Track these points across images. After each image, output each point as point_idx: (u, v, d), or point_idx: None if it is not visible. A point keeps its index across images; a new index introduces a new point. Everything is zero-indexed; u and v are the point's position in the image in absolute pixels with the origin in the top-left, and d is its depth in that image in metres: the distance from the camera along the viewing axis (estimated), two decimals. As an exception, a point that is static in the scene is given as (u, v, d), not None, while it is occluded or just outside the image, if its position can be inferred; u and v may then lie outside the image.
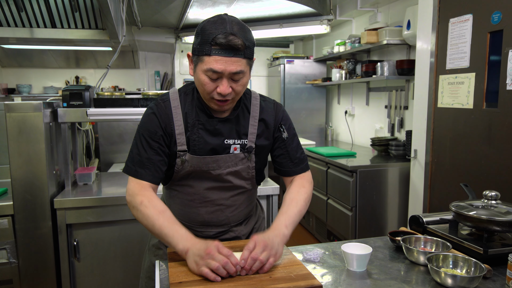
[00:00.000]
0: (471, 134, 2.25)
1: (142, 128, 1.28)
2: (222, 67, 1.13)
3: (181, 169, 1.28)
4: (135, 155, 1.26)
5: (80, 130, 2.70)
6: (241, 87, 1.21)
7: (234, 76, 1.16)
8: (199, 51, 1.15)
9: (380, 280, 1.12)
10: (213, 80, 1.16)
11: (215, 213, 1.34)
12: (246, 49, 1.15)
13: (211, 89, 1.18)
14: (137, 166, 1.25)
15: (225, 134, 1.29)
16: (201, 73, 1.17)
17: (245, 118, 1.33)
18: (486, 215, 1.24)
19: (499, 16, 2.05)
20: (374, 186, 3.10)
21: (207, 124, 1.27)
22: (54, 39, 2.84)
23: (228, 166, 1.30)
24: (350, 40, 3.98)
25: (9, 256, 1.96)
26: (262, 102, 1.36)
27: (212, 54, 1.12)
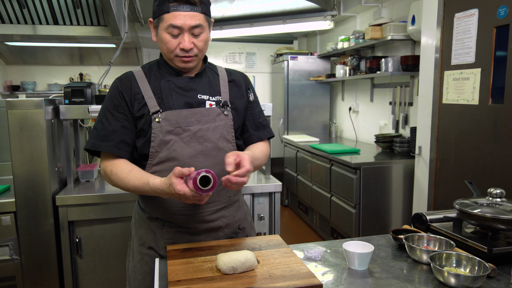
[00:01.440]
0: (476, 131, 2.22)
1: (106, 103, 1.30)
2: (181, 21, 1.19)
3: (158, 132, 1.25)
4: (99, 130, 1.28)
5: (82, 127, 2.70)
6: (202, 43, 1.26)
7: (194, 30, 1.21)
8: (158, 12, 1.21)
9: (382, 279, 1.11)
10: (175, 36, 1.22)
11: None
12: (202, 4, 1.22)
13: (174, 46, 1.23)
14: (100, 140, 1.27)
15: (197, 89, 1.32)
16: (163, 31, 1.22)
17: (215, 79, 1.38)
18: (490, 213, 1.21)
19: (506, 10, 2.01)
20: (378, 183, 3.08)
21: (178, 81, 1.31)
22: (56, 36, 2.84)
23: (207, 121, 1.29)
24: (354, 36, 3.95)
25: (12, 253, 1.97)
26: (228, 69, 1.46)
27: (170, 10, 1.18)
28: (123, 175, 1.23)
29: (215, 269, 1.07)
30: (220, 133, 1.32)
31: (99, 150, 1.27)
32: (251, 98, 1.45)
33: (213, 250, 1.20)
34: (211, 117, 1.30)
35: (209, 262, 1.12)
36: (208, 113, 1.30)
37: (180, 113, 1.27)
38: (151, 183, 1.17)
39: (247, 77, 1.48)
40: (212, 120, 1.30)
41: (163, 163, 1.27)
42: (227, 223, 1.37)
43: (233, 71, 1.46)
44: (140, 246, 1.36)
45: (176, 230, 1.32)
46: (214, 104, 1.32)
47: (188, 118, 1.27)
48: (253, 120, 1.45)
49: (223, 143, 1.32)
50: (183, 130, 1.27)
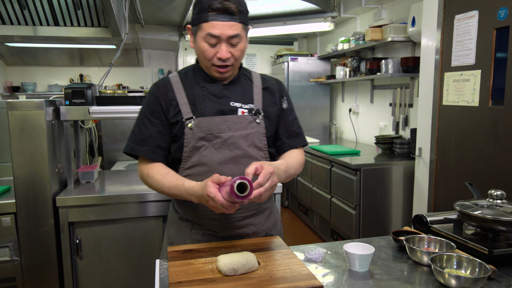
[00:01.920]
0: (476, 132, 2.22)
1: (144, 108, 1.34)
2: (219, 31, 1.20)
3: (190, 138, 1.28)
4: (137, 134, 1.32)
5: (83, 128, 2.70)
6: (239, 53, 1.27)
7: (232, 40, 1.22)
8: (197, 20, 1.23)
9: (383, 281, 1.11)
10: (212, 45, 1.23)
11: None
12: (241, 13, 1.22)
13: (211, 55, 1.24)
14: (138, 144, 1.31)
15: (230, 97, 1.33)
16: (201, 40, 1.23)
17: (249, 86, 1.38)
18: (491, 214, 1.21)
19: (506, 12, 2.01)
20: (378, 184, 3.08)
21: (211, 88, 1.32)
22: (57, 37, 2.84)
23: (239, 128, 1.30)
24: (355, 37, 3.95)
25: (12, 254, 1.96)
26: (263, 75, 1.45)
27: (209, 20, 1.20)
28: (159, 177, 1.27)
29: (216, 271, 1.07)
30: (251, 141, 1.32)
31: (137, 154, 1.31)
32: (284, 105, 1.43)
33: (213, 252, 1.20)
34: (243, 125, 1.31)
35: (210, 263, 1.12)
36: (239, 120, 1.31)
37: (212, 120, 1.28)
38: (186, 185, 1.20)
39: (281, 83, 1.47)
40: (243, 128, 1.31)
41: (194, 168, 1.30)
42: (254, 231, 1.37)
43: (268, 78, 1.45)
44: (168, 244, 1.39)
45: (203, 233, 1.34)
46: (246, 112, 1.33)
47: (219, 125, 1.28)
48: (286, 128, 1.43)
49: (253, 150, 1.33)
50: (214, 136, 1.28)
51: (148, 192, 2.06)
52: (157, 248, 2.12)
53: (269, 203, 1.46)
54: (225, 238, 1.34)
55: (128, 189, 2.12)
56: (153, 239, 2.11)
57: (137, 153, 1.31)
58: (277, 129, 1.42)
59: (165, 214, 2.09)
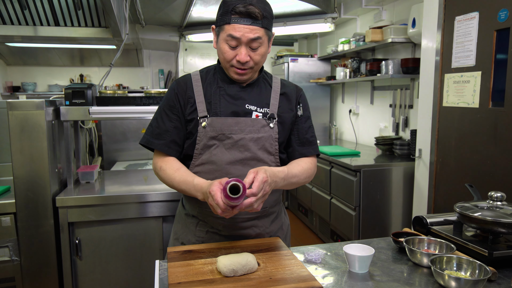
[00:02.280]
0: (476, 134, 2.22)
1: (163, 103, 1.37)
2: (240, 33, 1.21)
3: (202, 137, 1.30)
4: (154, 128, 1.35)
5: (83, 128, 2.70)
6: (259, 57, 1.27)
7: (252, 43, 1.23)
8: (220, 21, 1.25)
9: (383, 282, 1.11)
10: (233, 48, 1.24)
11: None
12: (264, 18, 1.23)
13: (231, 57, 1.25)
14: (154, 138, 1.34)
15: (246, 99, 1.34)
16: (222, 41, 1.25)
17: (267, 91, 1.39)
18: (491, 216, 1.21)
19: (506, 13, 2.01)
20: (378, 185, 3.08)
21: (228, 89, 1.34)
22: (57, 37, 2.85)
23: (251, 131, 1.31)
24: (355, 39, 3.95)
25: (11, 254, 1.96)
26: (283, 81, 1.45)
27: (231, 22, 1.21)
28: (171, 171, 1.29)
29: (216, 272, 1.07)
30: (262, 145, 1.33)
31: (152, 147, 1.34)
32: (299, 112, 1.42)
33: (213, 253, 1.20)
34: (255, 128, 1.32)
35: (210, 264, 1.12)
36: (252, 123, 1.31)
37: (225, 121, 1.30)
38: (196, 181, 1.23)
39: (300, 90, 1.46)
40: (255, 131, 1.32)
41: (204, 165, 1.32)
42: (258, 233, 1.37)
43: (288, 84, 1.45)
44: (174, 240, 1.43)
45: (207, 231, 1.36)
46: (260, 116, 1.33)
47: (232, 126, 1.30)
48: (299, 135, 1.41)
49: (263, 154, 1.33)
50: (226, 137, 1.30)
51: (148, 193, 2.06)
52: (157, 249, 2.12)
53: (277, 207, 1.46)
54: (229, 237, 1.35)
55: (128, 190, 2.12)
56: (152, 239, 2.10)
57: (153, 146, 1.34)
58: (290, 135, 1.42)
59: (165, 215, 2.09)
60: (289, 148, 1.43)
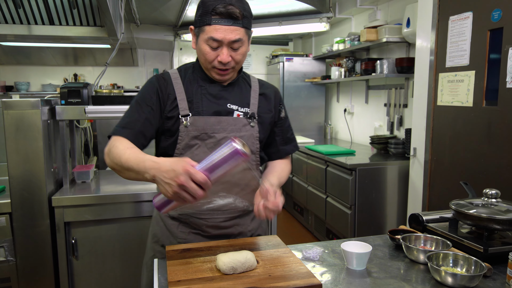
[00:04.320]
0: (470, 132, 2.25)
1: (138, 95, 1.32)
2: (222, 35, 1.20)
3: (184, 136, 1.28)
4: (124, 118, 1.28)
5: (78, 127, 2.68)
6: (241, 56, 1.27)
7: (234, 44, 1.22)
8: (200, 22, 1.22)
9: (380, 279, 1.12)
10: (214, 49, 1.23)
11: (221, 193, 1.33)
12: (244, 18, 1.22)
13: (212, 58, 1.24)
14: (122, 127, 1.25)
15: (228, 99, 1.33)
16: (203, 42, 1.23)
17: (247, 90, 1.39)
18: (486, 213, 1.23)
19: (499, 13, 2.04)
20: (373, 184, 3.10)
21: (210, 88, 1.32)
22: (52, 36, 2.82)
23: (233, 130, 1.31)
24: (350, 38, 3.97)
25: (7, 254, 1.95)
26: (261, 81, 1.46)
27: (212, 23, 1.19)
28: (122, 147, 1.16)
29: (215, 269, 1.07)
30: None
31: (117, 134, 1.22)
32: (282, 114, 1.46)
33: (212, 251, 1.20)
34: (237, 127, 1.32)
35: (209, 262, 1.12)
36: (234, 122, 1.32)
37: (208, 120, 1.29)
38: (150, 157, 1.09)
39: (278, 92, 1.48)
40: (238, 130, 1.32)
41: None
42: (240, 231, 1.38)
43: (266, 84, 1.46)
44: (153, 243, 1.39)
45: (190, 232, 1.35)
46: (242, 115, 1.34)
47: (214, 126, 1.29)
48: (283, 135, 1.47)
49: None
50: (208, 136, 1.29)
51: (143, 192, 2.06)
52: (154, 248, 2.11)
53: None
54: (212, 237, 1.34)
55: (124, 189, 2.12)
56: (149, 239, 2.10)
57: (117, 134, 1.23)
58: (274, 136, 1.46)
59: (162, 214, 2.09)
60: (273, 148, 1.47)
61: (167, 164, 1.01)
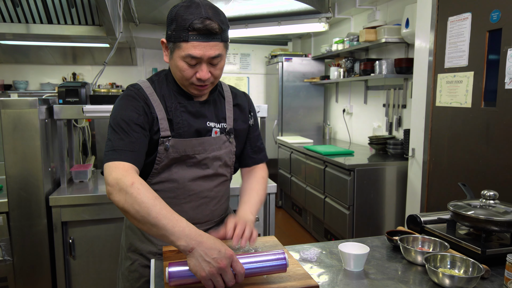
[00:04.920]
0: (469, 133, 2.25)
1: (121, 113, 1.16)
2: (201, 52, 1.12)
3: (164, 158, 1.22)
4: (116, 141, 1.13)
5: (76, 127, 2.68)
6: (219, 71, 1.21)
7: (213, 60, 1.16)
8: (175, 38, 1.13)
9: (377, 280, 1.12)
10: (192, 66, 1.15)
11: (200, 208, 1.31)
12: (223, 32, 1.15)
13: (190, 75, 1.17)
14: (121, 150, 1.11)
15: (207, 116, 1.29)
16: (179, 59, 1.15)
17: (222, 103, 1.34)
18: (484, 215, 1.23)
19: (498, 14, 2.04)
20: (372, 185, 3.09)
21: (189, 106, 1.26)
22: (50, 35, 2.81)
23: (213, 149, 1.28)
24: (349, 38, 3.97)
25: (4, 254, 1.94)
26: (232, 89, 1.41)
27: (190, 40, 1.11)
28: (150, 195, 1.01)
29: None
30: (223, 161, 1.32)
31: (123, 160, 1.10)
32: (251, 122, 1.43)
33: (209, 251, 1.19)
34: (217, 146, 1.29)
35: (206, 263, 1.11)
36: (215, 141, 1.29)
37: (189, 142, 1.24)
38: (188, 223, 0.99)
39: (249, 98, 1.46)
40: (217, 149, 1.29)
41: (163, 183, 1.26)
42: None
43: (238, 93, 1.42)
44: (131, 252, 1.33)
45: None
46: (219, 131, 1.30)
47: (195, 147, 1.25)
48: (251, 144, 1.44)
49: (223, 169, 1.34)
50: (189, 157, 1.25)
51: (142, 192, 2.05)
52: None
53: (229, 210, 1.49)
54: None
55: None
56: (147, 239, 2.10)
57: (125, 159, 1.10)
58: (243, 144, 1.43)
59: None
60: (242, 155, 1.44)
61: (211, 242, 0.95)
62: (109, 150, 1.13)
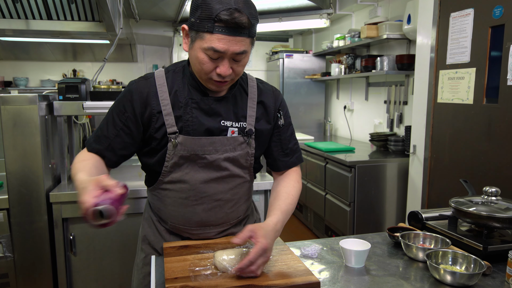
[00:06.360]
0: (470, 130, 2.24)
1: (115, 104, 1.20)
2: (225, 46, 1.03)
3: (172, 155, 1.16)
4: (98, 129, 1.20)
5: (76, 123, 2.67)
6: (242, 68, 1.12)
7: (236, 56, 1.06)
8: (198, 27, 1.03)
9: (378, 277, 1.11)
10: (213, 59, 1.06)
11: (213, 210, 1.23)
12: (251, 27, 1.05)
13: (210, 69, 1.08)
14: (93, 140, 1.19)
15: (222, 114, 1.19)
16: (200, 51, 1.06)
17: (243, 100, 1.23)
18: (486, 211, 1.22)
19: (501, 10, 2.02)
20: (373, 181, 3.09)
21: (202, 102, 1.17)
22: (50, 31, 2.80)
23: (226, 150, 1.18)
24: (350, 35, 3.95)
25: (5, 250, 1.94)
26: (259, 84, 1.29)
27: (214, 32, 1.01)
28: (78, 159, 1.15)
29: (212, 267, 1.06)
30: (238, 162, 1.22)
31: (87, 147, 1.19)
32: (280, 122, 1.29)
33: (210, 248, 1.19)
34: (232, 146, 1.19)
35: (206, 259, 1.11)
36: (229, 142, 1.19)
37: (199, 141, 1.16)
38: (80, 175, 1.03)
39: (279, 95, 1.32)
40: (232, 150, 1.19)
41: (175, 184, 1.21)
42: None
43: (265, 89, 1.29)
44: (145, 244, 1.33)
45: (182, 238, 1.30)
46: (236, 131, 1.20)
47: (205, 147, 1.16)
48: (282, 146, 1.31)
49: (239, 170, 1.24)
50: (199, 157, 1.17)
51: (142, 188, 2.05)
52: (152, 245, 2.11)
53: (249, 211, 1.40)
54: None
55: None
56: (147, 235, 2.09)
57: (88, 147, 1.18)
58: (272, 146, 1.31)
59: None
60: (270, 158, 1.33)
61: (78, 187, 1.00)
62: (92, 136, 1.22)
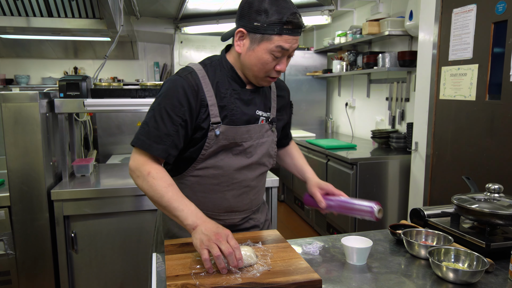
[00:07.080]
0: (473, 127, 2.23)
1: (165, 101, 1.18)
2: (289, 45, 1.16)
3: (213, 144, 1.22)
4: (151, 128, 1.17)
5: (78, 121, 2.67)
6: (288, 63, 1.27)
7: (292, 53, 1.21)
8: (266, 30, 1.14)
9: (380, 274, 1.11)
10: (276, 58, 1.18)
11: (241, 197, 1.32)
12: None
13: (271, 67, 1.20)
14: (153, 141, 1.17)
15: (257, 104, 1.30)
16: (265, 51, 1.16)
17: (269, 92, 1.37)
18: (488, 208, 1.22)
19: (504, 6, 2.01)
20: (374, 178, 3.08)
21: (242, 93, 1.27)
22: (50, 28, 2.80)
23: (257, 137, 1.30)
24: (352, 31, 3.93)
25: (6, 248, 1.95)
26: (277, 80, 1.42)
27: (283, 33, 1.14)
28: (164, 183, 1.15)
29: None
30: (266, 149, 1.33)
31: (149, 151, 1.18)
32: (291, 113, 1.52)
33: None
34: (261, 133, 1.31)
35: (207, 257, 1.11)
36: (259, 129, 1.30)
37: (239, 130, 1.25)
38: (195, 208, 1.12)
39: (288, 90, 1.50)
40: (261, 136, 1.31)
41: (207, 169, 1.26)
42: (253, 225, 1.41)
43: (280, 85, 1.44)
44: (168, 238, 1.35)
45: None
46: (264, 120, 1.32)
47: (243, 134, 1.26)
48: (286, 131, 1.54)
49: (266, 158, 1.35)
50: (236, 145, 1.26)
51: (144, 186, 2.05)
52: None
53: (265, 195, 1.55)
54: None
55: (124, 183, 2.11)
56: (148, 232, 2.09)
57: (150, 151, 1.17)
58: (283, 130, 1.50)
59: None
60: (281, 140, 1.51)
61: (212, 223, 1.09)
62: (143, 134, 1.19)
